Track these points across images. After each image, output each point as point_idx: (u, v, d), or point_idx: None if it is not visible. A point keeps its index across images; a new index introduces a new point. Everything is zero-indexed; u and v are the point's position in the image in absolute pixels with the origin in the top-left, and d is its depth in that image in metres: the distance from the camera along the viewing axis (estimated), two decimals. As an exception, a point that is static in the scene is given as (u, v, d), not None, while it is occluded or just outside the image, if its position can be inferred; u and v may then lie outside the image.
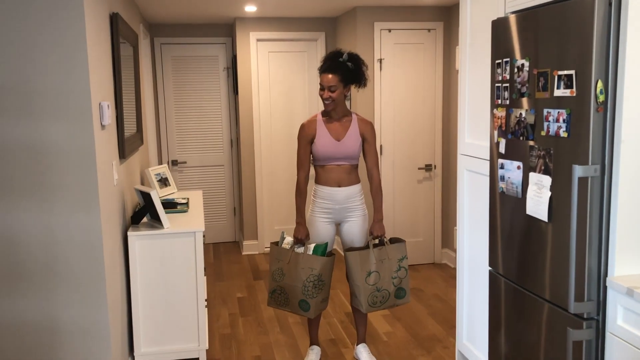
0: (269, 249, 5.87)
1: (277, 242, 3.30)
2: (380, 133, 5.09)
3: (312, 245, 3.19)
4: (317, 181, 3.29)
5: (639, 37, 1.93)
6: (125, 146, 3.24)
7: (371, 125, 3.29)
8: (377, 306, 3.21)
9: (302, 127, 3.26)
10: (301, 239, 3.22)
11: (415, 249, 5.33)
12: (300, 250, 3.19)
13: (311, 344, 3.49)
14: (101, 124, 2.64)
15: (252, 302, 4.51)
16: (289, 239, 3.29)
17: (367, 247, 3.22)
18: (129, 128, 3.53)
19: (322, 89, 3.17)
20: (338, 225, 3.33)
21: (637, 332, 1.91)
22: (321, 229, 3.27)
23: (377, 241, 3.27)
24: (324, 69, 3.18)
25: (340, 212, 3.26)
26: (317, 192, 3.28)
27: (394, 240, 3.28)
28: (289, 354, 3.58)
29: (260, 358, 3.54)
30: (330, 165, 3.22)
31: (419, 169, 5.24)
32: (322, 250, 3.17)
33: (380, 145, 5.11)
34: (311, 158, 3.29)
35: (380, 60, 5.03)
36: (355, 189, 3.27)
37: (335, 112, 3.22)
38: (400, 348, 3.63)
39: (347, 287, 4.59)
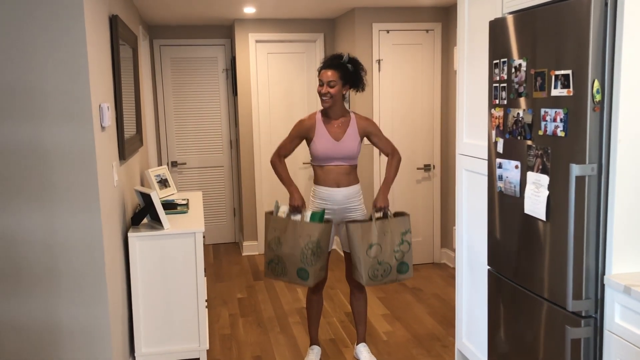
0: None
1: (272, 211, 3.23)
2: (379, 133, 5.10)
3: (308, 213, 3.15)
4: (316, 182, 3.30)
5: (634, 37, 1.95)
6: (125, 147, 3.25)
7: (371, 120, 3.30)
8: (377, 280, 3.14)
9: (301, 122, 3.27)
10: (298, 206, 3.17)
11: (415, 249, 5.34)
12: (297, 218, 3.14)
13: (311, 343, 3.50)
14: (101, 125, 2.66)
15: (252, 303, 4.52)
16: (284, 208, 3.20)
17: (370, 219, 3.17)
18: (129, 129, 3.54)
19: (320, 84, 3.18)
20: (337, 226, 3.34)
21: (635, 330, 1.93)
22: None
23: (380, 214, 3.20)
24: (324, 66, 3.20)
25: (339, 212, 3.27)
26: (316, 193, 3.29)
27: (397, 214, 3.21)
28: (289, 354, 3.60)
29: (261, 358, 3.55)
30: (329, 166, 3.23)
31: (418, 169, 5.25)
32: (319, 217, 3.13)
33: (379, 146, 5.12)
34: (310, 158, 3.30)
35: (379, 61, 5.05)
36: (354, 189, 3.28)
37: (333, 111, 3.23)
38: (400, 347, 3.65)
39: (347, 286, 4.60)
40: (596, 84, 1.98)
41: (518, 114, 2.39)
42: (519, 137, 2.40)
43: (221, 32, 5.99)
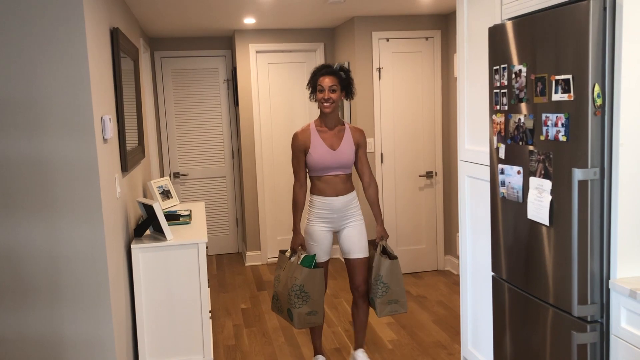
0: (271, 259, 5.89)
1: (286, 250, 3.38)
2: (380, 141, 5.11)
3: (303, 255, 3.23)
4: (314, 192, 3.29)
5: (633, 40, 1.95)
6: (128, 159, 3.25)
7: (363, 133, 3.35)
8: None
9: (296, 136, 3.28)
10: (294, 248, 3.28)
11: (418, 257, 5.33)
12: (293, 259, 3.23)
13: (315, 353, 3.49)
14: (103, 137, 2.66)
15: (256, 313, 4.51)
16: None
17: (385, 250, 3.29)
18: (131, 141, 3.55)
19: (321, 91, 3.20)
20: (336, 234, 3.35)
21: (641, 334, 1.92)
22: (320, 238, 3.27)
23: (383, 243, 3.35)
24: (322, 74, 3.24)
25: (338, 220, 3.28)
26: (314, 203, 3.29)
27: (370, 241, 3.41)
28: (294, 364, 3.58)
29: (266, 368, 3.54)
30: (327, 176, 3.24)
31: (420, 176, 5.25)
32: (309, 261, 3.19)
33: (381, 154, 5.13)
34: (306, 169, 3.30)
35: (379, 69, 5.06)
36: (351, 196, 3.29)
37: (330, 119, 3.24)
38: (405, 356, 3.63)
39: (350, 295, 4.58)
40: (596, 88, 1.99)
41: (519, 119, 2.39)
42: (520, 143, 2.40)
43: (221, 43, 6.02)
